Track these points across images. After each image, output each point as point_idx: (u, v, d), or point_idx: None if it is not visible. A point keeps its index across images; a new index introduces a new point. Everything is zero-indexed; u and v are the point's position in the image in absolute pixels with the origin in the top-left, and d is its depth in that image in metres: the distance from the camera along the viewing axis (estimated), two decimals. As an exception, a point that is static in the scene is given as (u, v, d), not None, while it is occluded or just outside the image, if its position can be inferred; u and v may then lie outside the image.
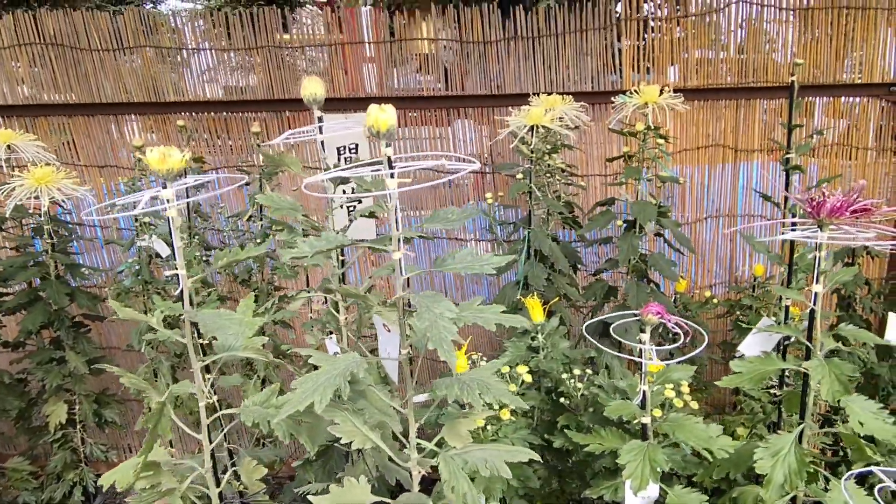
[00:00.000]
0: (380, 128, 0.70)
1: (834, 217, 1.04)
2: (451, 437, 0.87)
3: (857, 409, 1.04)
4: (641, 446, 0.98)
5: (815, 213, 1.04)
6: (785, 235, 1.04)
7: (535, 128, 1.86)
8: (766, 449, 1.08)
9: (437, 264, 0.83)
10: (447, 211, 0.82)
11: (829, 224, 1.06)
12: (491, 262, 0.82)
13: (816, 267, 1.08)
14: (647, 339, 0.96)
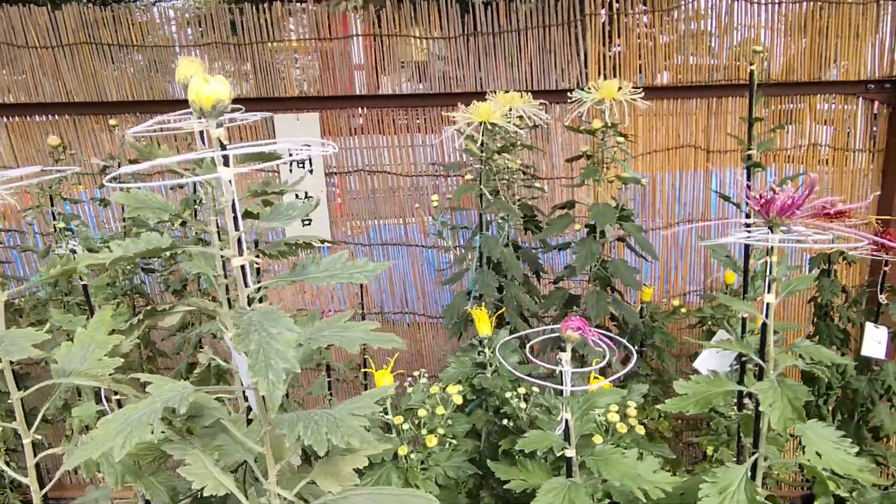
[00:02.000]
0: (203, 104, 0.57)
1: (785, 216, 0.91)
2: (326, 480, 0.73)
3: (814, 438, 0.91)
4: (563, 485, 0.84)
5: (763, 211, 0.91)
6: (728, 238, 0.91)
7: (484, 125, 1.72)
8: (712, 485, 0.94)
9: (297, 272, 0.69)
10: (289, 206, 0.69)
11: (781, 224, 0.93)
12: (365, 270, 0.69)
13: (768, 273, 0.95)
14: (568, 358, 0.82)
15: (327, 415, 0.61)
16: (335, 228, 2.51)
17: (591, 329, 0.84)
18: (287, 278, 0.66)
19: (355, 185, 2.49)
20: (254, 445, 0.69)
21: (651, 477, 0.86)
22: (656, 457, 1.01)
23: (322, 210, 2.45)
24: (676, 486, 1.02)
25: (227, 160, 0.59)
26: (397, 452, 1.19)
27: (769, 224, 0.92)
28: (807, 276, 1.02)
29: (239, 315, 0.55)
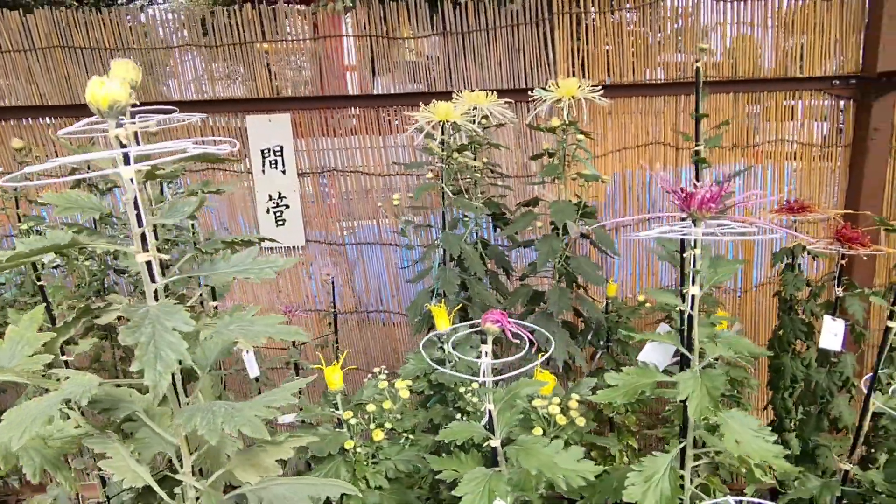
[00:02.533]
0: (99, 105, 0.59)
1: (706, 210, 0.93)
2: (246, 471, 0.74)
3: (734, 427, 0.93)
4: (485, 474, 0.86)
5: (684, 206, 0.93)
6: (651, 233, 0.92)
7: (444, 124, 1.74)
8: (639, 473, 0.96)
9: (205, 268, 0.71)
10: (184, 203, 0.71)
11: (703, 218, 0.95)
12: (274, 265, 0.70)
13: (692, 266, 0.97)
14: (489, 350, 0.84)
15: (227, 406, 0.63)
16: (309, 229, 2.53)
17: (510, 321, 0.85)
18: (194, 273, 0.68)
19: (328, 186, 2.50)
20: (170, 438, 0.71)
21: (573, 466, 0.88)
22: (594, 447, 1.03)
23: (295, 210, 2.47)
24: (613, 475, 1.04)
25: (127, 159, 0.61)
26: (344, 447, 1.20)
27: (692, 218, 0.94)
28: (730, 267, 1.04)
29: (134, 309, 0.57)
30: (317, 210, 2.52)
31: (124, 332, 0.55)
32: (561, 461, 0.90)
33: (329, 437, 1.22)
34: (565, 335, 1.87)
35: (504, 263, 2.09)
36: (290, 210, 2.48)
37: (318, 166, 2.47)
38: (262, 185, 2.45)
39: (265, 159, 2.43)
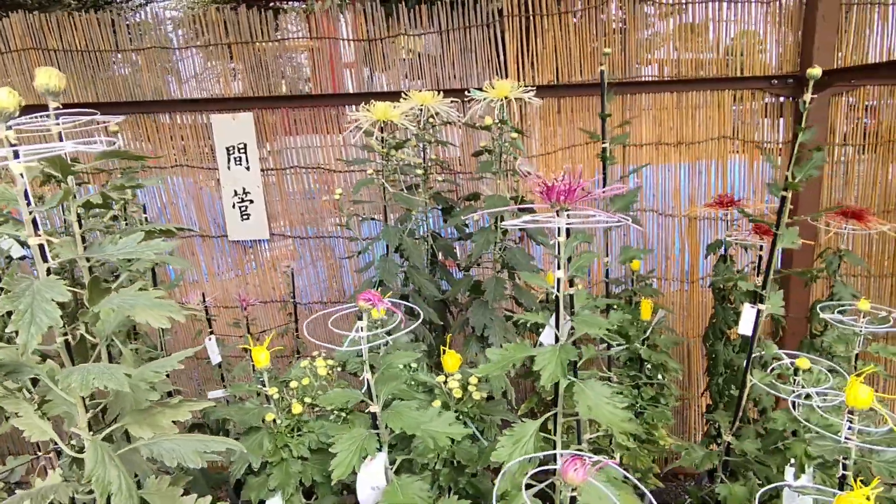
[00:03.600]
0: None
1: (565, 201, 1.04)
2: (141, 428, 0.86)
3: (589, 394, 1.04)
4: (362, 434, 0.98)
5: (546, 197, 1.04)
6: (515, 222, 1.03)
7: (382, 123, 1.85)
8: (510, 437, 1.07)
9: (93, 250, 0.82)
10: (55, 197, 0.81)
11: (565, 209, 1.06)
12: (157, 248, 0.82)
13: (558, 252, 1.08)
14: (364, 325, 0.96)
15: (103, 367, 0.75)
16: (273, 222, 2.65)
17: (383, 300, 0.97)
18: (81, 255, 0.80)
19: (292, 182, 2.62)
20: (66, 396, 0.83)
21: (444, 429, 1.00)
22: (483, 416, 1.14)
23: (259, 205, 2.58)
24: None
25: (17, 155, 0.72)
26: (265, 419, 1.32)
27: (555, 209, 1.05)
28: (589, 254, 1.14)
29: (17, 282, 0.69)
30: (281, 205, 2.64)
31: (2, 300, 0.67)
32: (434, 425, 1.02)
33: (253, 411, 1.34)
34: (503, 322, 1.97)
35: (451, 254, 2.20)
36: (254, 205, 2.59)
37: (280, 163, 2.58)
38: (227, 181, 2.57)
39: (230, 156, 2.55)
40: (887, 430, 1.04)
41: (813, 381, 1.32)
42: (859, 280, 2.59)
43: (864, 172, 2.50)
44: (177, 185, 2.63)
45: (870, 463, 1.10)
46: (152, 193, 2.64)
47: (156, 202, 2.63)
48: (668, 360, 1.86)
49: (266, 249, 2.69)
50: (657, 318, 1.90)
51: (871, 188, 2.52)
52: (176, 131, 2.59)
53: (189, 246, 2.68)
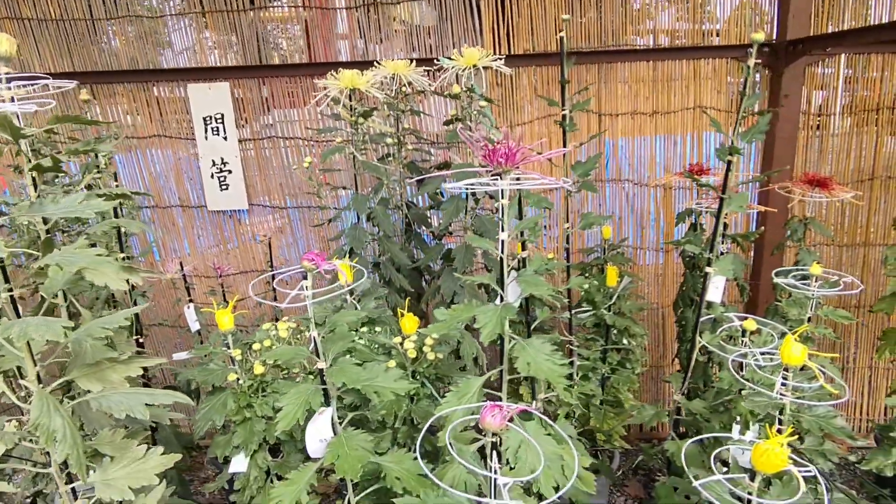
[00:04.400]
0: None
1: (508, 164, 1.06)
2: (90, 381, 0.90)
3: (529, 351, 1.08)
4: (308, 389, 1.02)
5: (488, 161, 1.06)
6: (459, 184, 1.06)
7: (350, 91, 1.86)
8: (455, 393, 1.12)
9: (34, 209, 0.85)
10: None
11: (508, 172, 1.08)
12: (97, 207, 0.84)
13: (502, 215, 1.11)
14: (309, 284, 0.99)
15: (41, 321, 0.78)
16: (252, 192, 2.66)
17: (326, 260, 1.00)
18: (23, 214, 0.82)
19: (269, 153, 2.63)
20: (16, 351, 0.86)
21: (389, 384, 1.04)
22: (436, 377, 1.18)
23: (237, 175, 2.60)
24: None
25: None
26: (228, 379, 1.36)
27: (498, 172, 1.08)
28: (532, 219, 1.17)
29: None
30: (260, 175, 2.65)
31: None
32: (380, 381, 1.06)
33: (216, 372, 1.38)
34: (474, 289, 2.01)
35: (424, 223, 2.22)
36: (232, 175, 2.61)
37: (258, 133, 2.59)
38: (205, 152, 2.58)
39: (207, 126, 2.55)
40: (818, 385, 1.08)
41: (760, 343, 1.35)
42: (832, 249, 2.62)
43: (840, 143, 2.52)
44: (156, 157, 2.64)
45: (813, 419, 1.14)
46: (132, 165, 2.66)
47: (136, 174, 2.65)
48: (633, 325, 1.90)
49: (246, 220, 2.71)
50: (623, 284, 1.93)
51: (846, 159, 2.53)
52: (152, 101, 2.58)
53: (169, 217, 2.70)
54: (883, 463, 1.17)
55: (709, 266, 1.39)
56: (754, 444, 0.89)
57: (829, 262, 2.63)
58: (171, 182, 2.66)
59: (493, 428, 0.75)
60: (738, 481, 0.92)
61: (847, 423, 1.10)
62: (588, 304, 1.97)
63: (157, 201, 2.69)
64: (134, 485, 0.93)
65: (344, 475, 0.95)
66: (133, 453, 0.95)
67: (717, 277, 1.97)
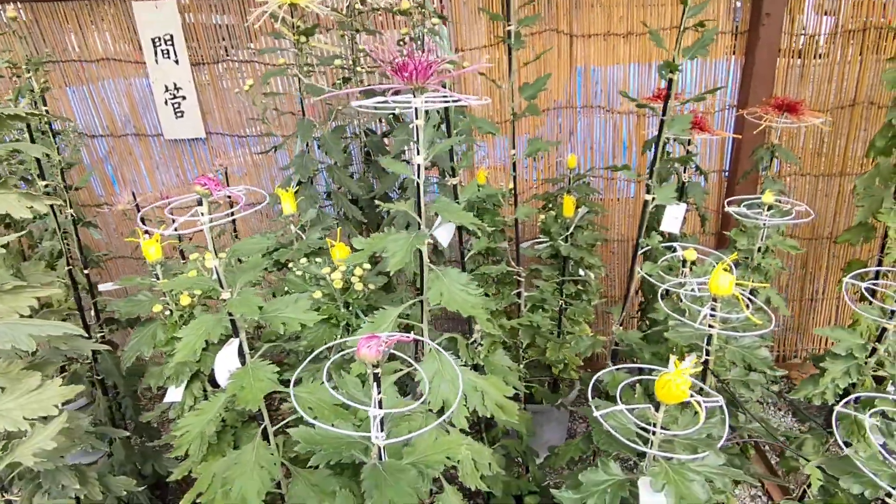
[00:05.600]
0: None
1: (421, 80, 0.98)
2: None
3: (444, 282, 1.04)
4: (209, 320, 0.99)
5: (400, 77, 0.98)
6: (364, 102, 0.98)
7: (290, 7, 1.74)
8: (370, 322, 1.09)
9: None
10: None
11: (423, 89, 1.00)
12: None
13: (417, 137, 1.04)
14: (204, 211, 0.94)
15: None
16: (210, 119, 2.56)
17: (220, 184, 0.94)
18: None
19: (225, 78, 2.50)
20: None
21: (296, 315, 1.01)
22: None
23: (192, 101, 2.49)
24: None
25: None
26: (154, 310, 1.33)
27: (413, 89, 1.00)
28: (447, 142, 1.10)
29: None
30: (217, 102, 2.54)
31: None
32: (288, 311, 1.03)
33: (144, 303, 1.35)
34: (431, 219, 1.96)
35: (382, 151, 2.14)
36: (187, 101, 2.50)
37: (212, 56, 2.46)
38: (157, 76, 2.46)
39: (157, 48, 2.42)
40: (744, 316, 1.05)
41: (702, 273, 1.31)
42: (807, 179, 2.54)
43: (822, 67, 2.39)
44: (107, 85, 2.52)
45: (737, 350, 1.12)
46: (82, 94, 2.54)
47: (88, 104, 2.53)
48: (589, 256, 1.86)
49: (205, 149, 2.62)
50: (580, 215, 1.88)
51: (827, 84, 2.41)
52: (98, 21, 2.44)
53: (125, 146, 2.61)
54: (811, 392, 1.16)
55: (648, 193, 1.33)
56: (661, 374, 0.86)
57: (803, 191, 2.56)
58: (126, 109, 2.56)
59: (368, 359, 0.71)
60: (644, 411, 0.90)
61: (770, 354, 1.07)
62: (544, 235, 1.92)
63: (111, 130, 2.60)
64: (29, 415, 0.91)
65: (245, 405, 0.93)
66: (27, 384, 0.92)
67: (673, 207, 1.91)
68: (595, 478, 0.92)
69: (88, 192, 2.66)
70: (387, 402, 1.05)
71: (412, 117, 1.01)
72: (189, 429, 1.03)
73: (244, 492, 0.99)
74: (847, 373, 1.15)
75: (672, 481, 0.83)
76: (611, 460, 0.94)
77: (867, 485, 0.81)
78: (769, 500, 2.10)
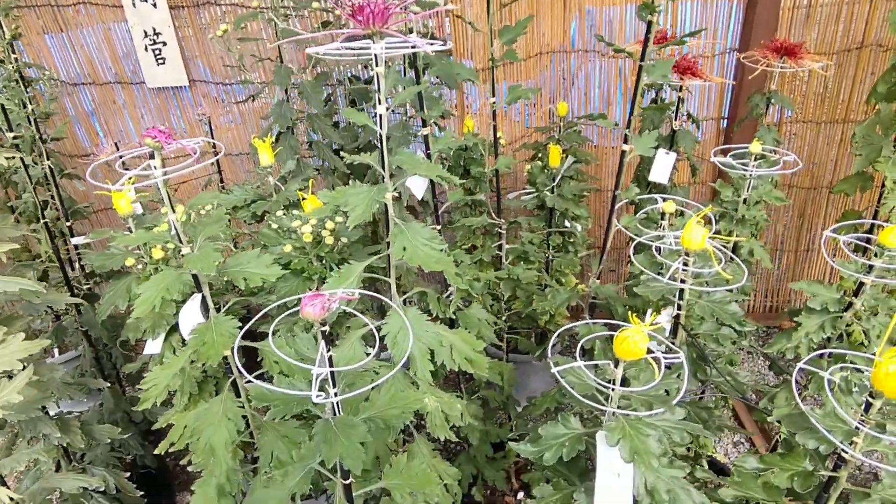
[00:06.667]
0: None
1: (379, 25, 0.93)
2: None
3: (408, 236, 1.02)
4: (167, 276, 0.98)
5: (356, 20, 0.93)
6: (321, 48, 0.93)
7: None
8: (336, 276, 1.07)
9: None
10: None
11: (380, 34, 0.95)
12: None
13: (378, 86, 0.99)
14: (157, 164, 0.91)
15: None
16: (192, 66, 2.49)
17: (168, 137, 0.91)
18: None
19: (206, 21, 2.42)
20: None
21: (259, 270, 1.00)
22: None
23: (172, 47, 2.41)
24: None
25: None
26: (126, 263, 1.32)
27: (370, 34, 0.95)
28: (409, 90, 1.06)
29: None
30: (200, 48, 2.46)
31: None
32: (251, 267, 1.01)
33: (117, 256, 1.34)
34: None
35: (365, 98, 2.08)
36: (167, 47, 2.42)
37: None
38: (135, 21, 2.37)
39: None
40: (715, 271, 1.03)
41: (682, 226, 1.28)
42: (809, 126, 2.46)
43: (828, 7, 2.27)
44: (86, 32, 2.44)
45: (707, 305, 1.10)
46: (62, 42, 2.47)
47: (67, 49, 2.46)
48: (575, 207, 1.83)
49: (189, 97, 2.56)
50: (566, 165, 1.83)
51: (834, 24, 2.30)
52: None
53: (108, 94, 2.56)
54: (785, 346, 1.15)
55: (625, 143, 1.29)
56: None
57: (804, 140, 2.49)
58: (106, 56, 2.49)
59: (312, 318, 0.70)
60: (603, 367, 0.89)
61: (740, 309, 1.06)
62: (531, 186, 1.88)
63: (93, 78, 2.53)
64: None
65: (206, 360, 0.93)
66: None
67: (661, 156, 1.87)
68: (555, 431, 0.92)
69: (75, 143, 2.63)
70: (353, 357, 1.05)
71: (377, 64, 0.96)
72: (156, 382, 1.04)
73: (212, 442, 1.01)
74: (822, 327, 1.13)
75: (627, 436, 0.83)
76: (571, 415, 0.94)
77: (822, 440, 0.81)
78: (752, 446, 2.14)
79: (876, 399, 0.79)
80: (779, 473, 0.85)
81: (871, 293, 1.09)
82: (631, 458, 0.81)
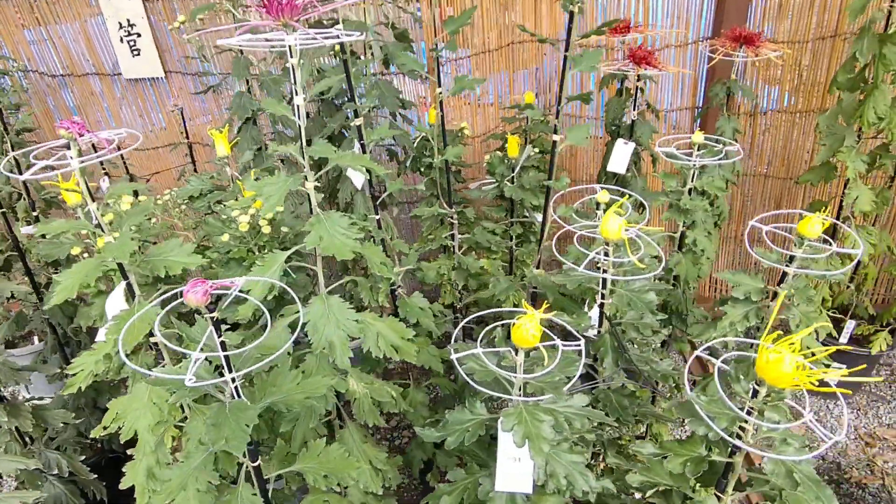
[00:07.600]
0: None
1: (292, 16, 0.94)
2: None
3: (326, 225, 1.03)
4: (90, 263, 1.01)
5: (269, 11, 0.94)
6: (232, 40, 0.95)
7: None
8: (259, 266, 1.09)
9: None
10: None
11: (292, 26, 0.96)
12: None
13: (293, 78, 1.01)
14: (74, 155, 0.93)
15: None
16: (168, 57, 2.51)
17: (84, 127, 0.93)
18: None
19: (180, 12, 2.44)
20: None
21: (181, 258, 1.02)
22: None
23: (147, 38, 2.43)
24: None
25: None
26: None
27: (284, 26, 0.96)
28: (331, 80, 1.07)
29: None
30: (175, 39, 2.48)
31: None
32: (174, 255, 1.04)
33: (64, 245, 1.37)
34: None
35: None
36: (142, 39, 2.45)
37: (167, -9, 2.38)
38: (109, 12, 2.40)
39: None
40: (629, 261, 1.04)
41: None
42: (783, 117, 2.44)
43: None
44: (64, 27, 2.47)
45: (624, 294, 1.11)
46: (40, 35, 2.50)
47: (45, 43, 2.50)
48: (534, 198, 1.83)
49: (165, 88, 2.59)
50: (524, 155, 1.83)
51: (808, 12, 2.27)
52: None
53: (86, 85, 2.59)
54: (711, 335, 1.15)
55: (555, 133, 1.29)
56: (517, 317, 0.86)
57: (779, 130, 2.47)
58: (83, 47, 2.52)
59: (194, 304, 0.72)
60: (504, 354, 0.91)
61: (656, 298, 1.06)
62: (490, 176, 1.89)
63: (71, 69, 2.57)
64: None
65: (125, 347, 0.96)
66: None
67: (620, 146, 1.87)
68: (460, 417, 0.94)
69: (53, 135, 2.67)
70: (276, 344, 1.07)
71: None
72: (83, 367, 1.07)
73: (136, 427, 1.04)
74: (746, 317, 1.14)
75: (522, 421, 0.85)
76: (478, 401, 0.95)
77: (709, 427, 0.82)
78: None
79: (761, 386, 0.80)
80: (672, 459, 0.86)
81: (793, 283, 1.09)
82: (523, 443, 0.83)
